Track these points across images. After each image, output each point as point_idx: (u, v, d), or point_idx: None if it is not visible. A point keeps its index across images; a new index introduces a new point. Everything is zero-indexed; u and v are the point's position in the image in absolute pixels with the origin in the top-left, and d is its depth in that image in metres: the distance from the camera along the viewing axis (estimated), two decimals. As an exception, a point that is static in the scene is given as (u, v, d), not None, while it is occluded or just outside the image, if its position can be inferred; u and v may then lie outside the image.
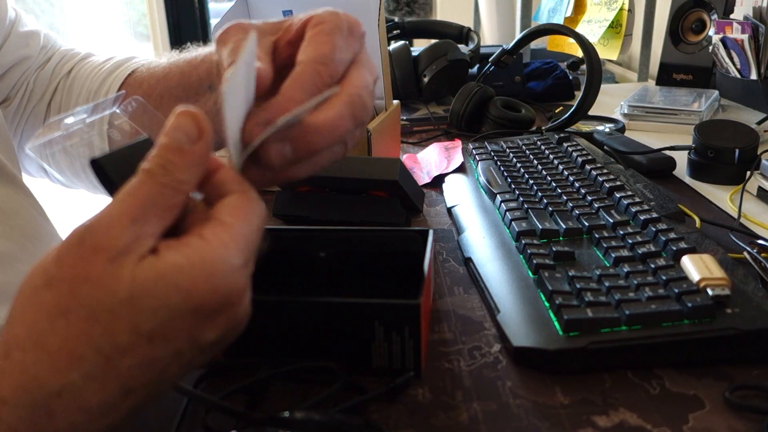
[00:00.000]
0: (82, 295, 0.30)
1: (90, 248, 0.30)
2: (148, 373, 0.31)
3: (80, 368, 0.29)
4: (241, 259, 0.32)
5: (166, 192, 0.32)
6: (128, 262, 0.30)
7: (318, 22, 0.41)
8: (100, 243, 0.30)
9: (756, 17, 1.02)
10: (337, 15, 0.41)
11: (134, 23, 2.90)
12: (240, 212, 0.33)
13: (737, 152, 0.79)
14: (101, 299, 0.30)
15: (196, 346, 0.32)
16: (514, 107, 1.02)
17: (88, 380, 0.29)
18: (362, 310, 0.43)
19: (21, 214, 0.55)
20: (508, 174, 0.74)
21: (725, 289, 0.47)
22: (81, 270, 0.30)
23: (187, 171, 0.32)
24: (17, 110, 0.65)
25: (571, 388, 0.43)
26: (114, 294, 0.30)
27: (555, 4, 1.54)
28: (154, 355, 0.30)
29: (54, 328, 0.30)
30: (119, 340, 0.30)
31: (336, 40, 0.39)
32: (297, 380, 0.45)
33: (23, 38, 0.66)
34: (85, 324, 0.29)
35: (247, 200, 0.34)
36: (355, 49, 0.41)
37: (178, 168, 0.32)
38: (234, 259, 0.32)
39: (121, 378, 0.30)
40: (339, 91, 0.38)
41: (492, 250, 0.59)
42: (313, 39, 0.40)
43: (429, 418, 0.41)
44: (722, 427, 0.40)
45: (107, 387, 0.30)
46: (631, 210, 0.61)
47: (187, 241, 0.32)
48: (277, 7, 0.99)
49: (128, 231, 0.30)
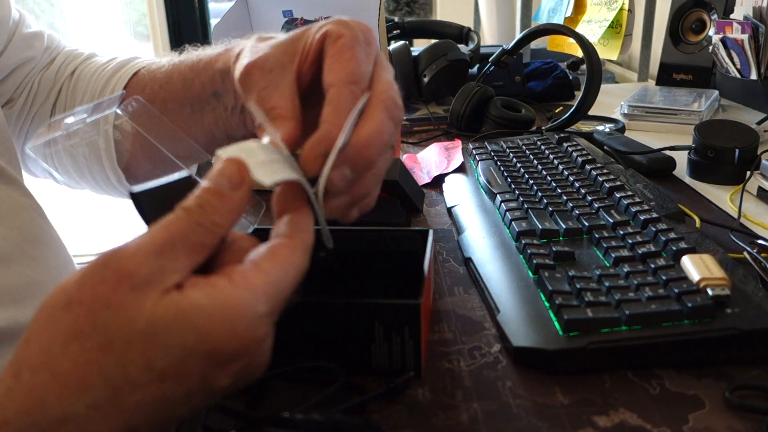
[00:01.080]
0: (99, 321, 0.29)
1: (113, 272, 0.30)
2: (155, 413, 0.30)
3: (87, 398, 0.29)
4: (267, 308, 0.32)
5: (199, 231, 0.32)
6: (151, 294, 0.30)
7: (336, 37, 0.41)
8: (125, 268, 0.30)
9: (756, 17, 1.02)
10: (350, 26, 0.42)
11: (134, 23, 2.90)
12: (277, 259, 0.33)
13: (737, 152, 0.79)
14: (119, 328, 0.29)
15: (207, 389, 0.31)
16: (514, 107, 1.02)
17: (93, 411, 0.29)
18: (362, 310, 0.43)
19: (20, 216, 0.55)
20: (508, 174, 0.74)
21: (725, 289, 0.47)
22: (102, 294, 0.30)
23: (223, 215, 0.33)
24: (21, 111, 0.65)
25: (571, 388, 0.43)
26: (132, 324, 0.29)
27: (555, 4, 1.54)
28: (163, 395, 0.30)
29: (66, 353, 0.29)
30: (131, 373, 0.29)
31: (358, 54, 0.40)
32: (297, 380, 0.45)
33: (27, 40, 0.65)
34: (99, 353, 0.29)
35: (289, 248, 0.34)
36: (373, 55, 0.42)
37: (215, 210, 0.32)
38: (259, 306, 0.31)
39: (126, 413, 0.29)
40: (371, 99, 0.39)
41: (492, 250, 0.59)
42: (337, 57, 0.41)
43: (429, 418, 0.41)
44: (722, 427, 0.40)
45: (111, 421, 0.29)
46: (631, 210, 0.61)
47: (214, 281, 0.31)
48: (277, 7, 0.99)
49: (154, 261, 0.30)
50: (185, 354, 0.29)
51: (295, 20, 1.00)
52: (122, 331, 0.29)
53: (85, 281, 0.30)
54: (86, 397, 0.29)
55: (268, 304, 0.32)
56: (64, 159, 0.64)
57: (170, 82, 0.58)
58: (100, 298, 0.29)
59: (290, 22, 1.00)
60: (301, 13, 1.00)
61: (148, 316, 0.29)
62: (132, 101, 0.54)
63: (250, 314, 0.31)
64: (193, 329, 0.30)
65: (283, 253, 0.33)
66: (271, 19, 1.00)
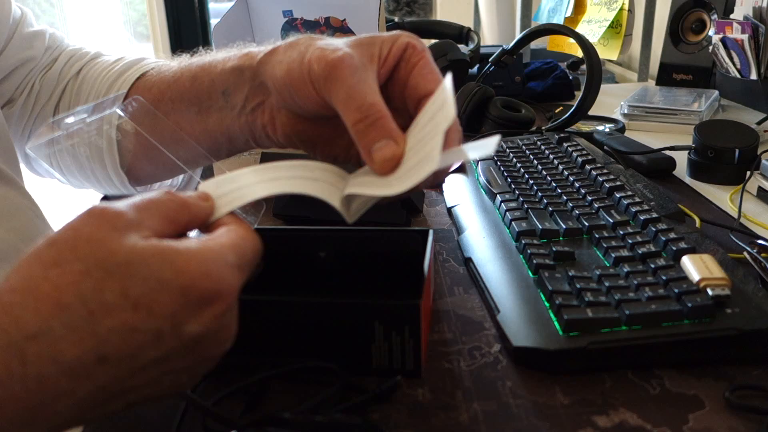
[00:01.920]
0: (80, 251, 0.31)
1: (97, 216, 0.32)
2: (125, 344, 0.31)
3: (62, 317, 0.30)
4: (236, 260, 0.34)
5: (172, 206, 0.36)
6: (132, 236, 0.32)
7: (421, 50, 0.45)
8: (108, 213, 0.33)
9: (756, 17, 1.02)
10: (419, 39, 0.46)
11: (134, 23, 2.90)
12: (236, 232, 0.37)
13: (737, 152, 0.79)
14: (99, 258, 0.31)
15: (177, 334, 0.32)
16: (514, 107, 1.02)
17: (67, 331, 0.30)
18: (362, 310, 0.43)
19: (18, 217, 0.55)
20: (508, 174, 0.74)
21: (725, 289, 0.47)
22: (84, 231, 0.32)
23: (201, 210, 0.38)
24: (22, 112, 0.65)
25: (571, 388, 0.43)
26: (112, 256, 0.31)
27: (555, 4, 1.54)
28: (135, 324, 0.31)
29: (46, 276, 0.31)
30: (106, 298, 0.30)
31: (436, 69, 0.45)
32: (297, 380, 0.45)
33: (27, 39, 0.65)
34: (78, 276, 0.31)
35: (243, 228, 0.37)
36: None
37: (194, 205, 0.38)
38: (228, 256, 0.34)
39: (98, 339, 0.30)
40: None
41: (492, 250, 0.59)
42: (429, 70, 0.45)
43: (429, 418, 0.41)
44: (722, 427, 0.40)
45: (84, 343, 0.30)
46: (631, 210, 0.61)
47: (187, 240, 0.34)
48: (277, 7, 0.99)
49: (135, 213, 0.34)
50: (160, 286, 0.31)
51: (295, 20, 1.00)
52: (102, 261, 0.31)
53: (69, 225, 0.33)
54: (62, 316, 0.30)
55: (235, 256, 0.34)
56: (66, 159, 0.63)
57: (179, 81, 0.57)
58: (83, 234, 0.32)
59: (290, 22, 1.00)
60: (301, 13, 1.00)
61: (128, 251, 0.32)
62: (132, 101, 0.54)
63: (221, 260, 0.33)
64: (170, 265, 0.32)
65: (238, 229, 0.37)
66: (271, 19, 1.00)
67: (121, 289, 0.31)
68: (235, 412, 0.41)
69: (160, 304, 0.31)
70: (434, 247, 0.59)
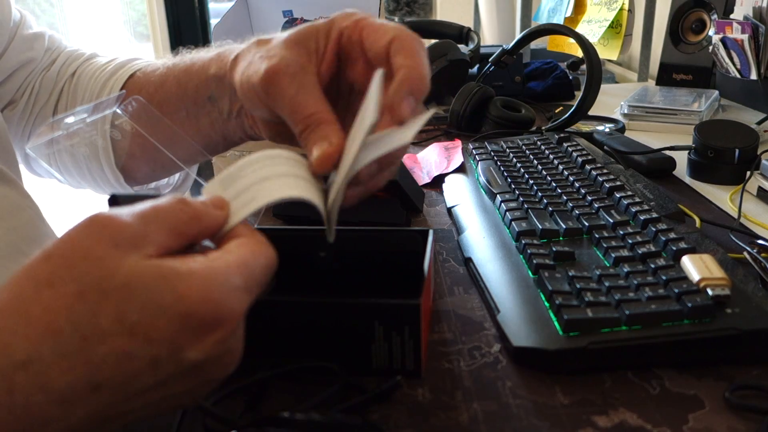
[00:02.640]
0: (76, 270, 0.29)
1: (98, 228, 0.30)
2: (120, 372, 0.29)
3: (53, 343, 0.28)
4: (242, 282, 0.32)
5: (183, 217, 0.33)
6: (133, 254, 0.30)
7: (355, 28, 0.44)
8: (110, 225, 0.30)
9: (756, 17, 1.02)
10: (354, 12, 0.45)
11: (134, 23, 2.90)
12: (247, 247, 0.34)
13: (737, 152, 0.79)
14: (96, 278, 0.29)
15: (176, 360, 0.30)
16: (514, 107, 1.02)
17: (59, 358, 0.28)
18: (362, 310, 0.43)
19: (18, 216, 0.55)
20: (508, 174, 0.74)
21: (725, 289, 0.47)
22: (83, 246, 0.30)
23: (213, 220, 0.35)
24: (23, 113, 0.65)
25: (571, 388, 0.43)
26: (110, 277, 0.29)
27: (555, 4, 1.54)
28: (130, 351, 0.29)
29: (39, 297, 0.29)
30: (101, 323, 0.29)
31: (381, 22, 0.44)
32: (297, 380, 0.45)
33: (27, 41, 0.65)
34: (71, 299, 0.29)
35: (256, 241, 0.35)
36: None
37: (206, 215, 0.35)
38: (234, 278, 0.32)
39: (91, 366, 0.29)
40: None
41: (492, 250, 0.59)
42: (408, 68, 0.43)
43: (429, 418, 0.41)
44: (722, 427, 0.40)
45: (76, 370, 0.28)
46: (631, 210, 0.61)
47: (192, 257, 0.32)
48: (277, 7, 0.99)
49: (139, 225, 0.31)
50: (159, 312, 0.29)
51: (295, 20, 1.00)
52: (99, 282, 0.29)
53: (67, 236, 0.30)
54: (53, 342, 0.28)
55: (242, 279, 0.32)
56: (65, 159, 0.64)
57: (165, 84, 0.58)
58: (81, 250, 0.30)
59: (290, 22, 1.00)
60: (301, 13, 1.00)
61: (127, 272, 0.29)
62: (132, 101, 0.54)
63: (226, 283, 0.31)
64: (170, 290, 0.30)
65: (251, 243, 0.35)
66: (271, 19, 1.00)
67: (116, 313, 0.29)
68: (235, 412, 0.41)
69: (157, 330, 0.29)
70: (434, 247, 0.59)
